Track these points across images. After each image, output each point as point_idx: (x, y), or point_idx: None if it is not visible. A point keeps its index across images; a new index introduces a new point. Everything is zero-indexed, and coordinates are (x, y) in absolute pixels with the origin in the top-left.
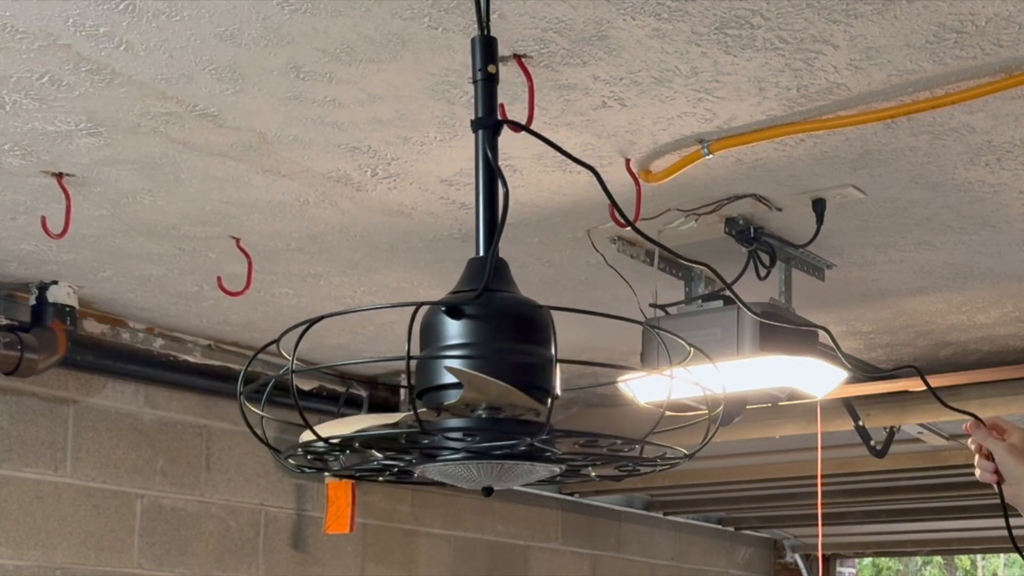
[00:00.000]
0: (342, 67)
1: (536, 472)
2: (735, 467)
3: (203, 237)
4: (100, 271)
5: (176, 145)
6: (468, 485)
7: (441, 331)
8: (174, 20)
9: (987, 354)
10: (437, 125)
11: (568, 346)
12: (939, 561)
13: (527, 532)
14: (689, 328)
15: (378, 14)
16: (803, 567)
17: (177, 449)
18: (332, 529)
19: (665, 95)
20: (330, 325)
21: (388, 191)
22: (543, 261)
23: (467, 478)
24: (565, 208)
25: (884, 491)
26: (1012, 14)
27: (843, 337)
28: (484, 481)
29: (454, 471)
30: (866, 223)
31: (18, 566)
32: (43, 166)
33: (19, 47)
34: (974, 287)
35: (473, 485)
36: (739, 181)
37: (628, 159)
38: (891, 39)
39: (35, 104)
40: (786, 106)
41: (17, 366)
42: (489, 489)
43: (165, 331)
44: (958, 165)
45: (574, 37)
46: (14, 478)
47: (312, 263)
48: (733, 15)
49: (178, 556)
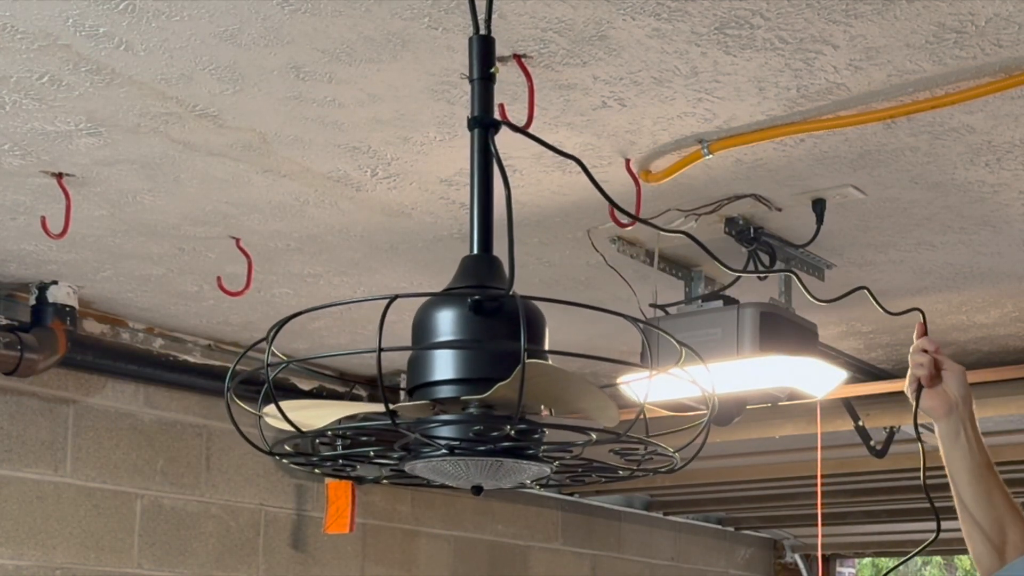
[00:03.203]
0: (342, 67)
1: (525, 470)
2: (735, 467)
3: (203, 237)
4: (100, 271)
5: (176, 145)
6: (457, 483)
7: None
8: (174, 20)
9: (987, 354)
10: (437, 125)
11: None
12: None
13: (527, 532)
14: (689, 328)
15: (378, 14)
16: (803, 567)
17: (177, 449)
18: (332, 529)
19: (665, 95)
20: (330, 324)
21: (388, 191)
22: (543, 261)
23: (455, 476)
24: (565, 208)
25: (884, 491)
26: (1012, 14)
27: (843, 337)
28: (474, 479)
29: (442, 468)
30: (866, 223)
31: (18, 566)
32: (43, 166)
33: (19, 47)
34: (974, 287)
35: (462, 483)
36: (739, 181)
37: (628, 159)
38: (891, 39)
39: (35, 104)
40: (786, 106)
41: (17, 366)
42: (479, 488)
43: (165, 331)
44: (958, 165)
45: (574, 37)
46: (14, 478)
47: (312, 263)
48: (733, 15)
49: (178, 556)
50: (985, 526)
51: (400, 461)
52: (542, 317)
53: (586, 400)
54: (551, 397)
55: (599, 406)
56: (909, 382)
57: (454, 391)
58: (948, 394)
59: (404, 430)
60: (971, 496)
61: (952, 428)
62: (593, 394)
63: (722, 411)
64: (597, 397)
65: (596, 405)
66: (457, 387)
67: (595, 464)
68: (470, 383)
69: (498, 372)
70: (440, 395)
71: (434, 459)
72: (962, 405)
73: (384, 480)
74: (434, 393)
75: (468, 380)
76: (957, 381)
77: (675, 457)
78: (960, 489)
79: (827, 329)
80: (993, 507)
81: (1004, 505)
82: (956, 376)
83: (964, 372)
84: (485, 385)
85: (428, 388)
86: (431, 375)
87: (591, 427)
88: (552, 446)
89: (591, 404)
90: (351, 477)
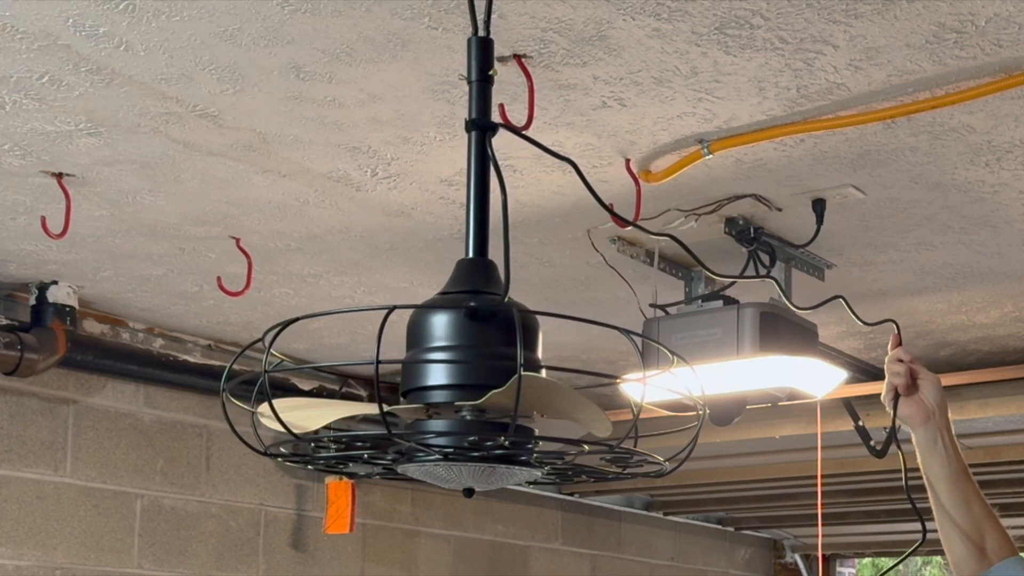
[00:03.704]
0: (342, 67)
1: (516, 474)
2: (735, 467)
3: (203, 237)
4: (100, 271)
5: (176, 145)
6: (449, 485)
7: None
8: (174, 20)
9: (987, 354)
10: (437, 125)
11: (568, 347)
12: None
13: (527, 532)
14: (689, 328)
15: (378, 14)
16: (803, 567)
17: (177, 449)
18: (332, 529)
19: (665, 95)
20: (330, 325)
21: (388, 191)
22: (543, 261)
23: (447, 479)
24: (565, 208)
25: (884, 491)
26: (1012, 14)
27: (843, 337)
28: (465, 482)
29: (435, 471)
30: (866, 223)
31: (18, 566)
32: (43, 166)
33: (19, 47)
34: (974, 287)
35: (454, 485)
36: (739, 181)
37: (628, 159)
38: (891, 39)
39: (35, 104)
40: (786, 106)
41: (17, 366)
42: (470, 490)
43: (165, 331)
44: (958, 165)
45: (574, 37)
46: (14, 478)
47: (312, 263)
48: (733, 15)
49: (178, 556)
50: (965, 530)
51: (393, 463)
52: (536, 323)
53: (579, 411)
54: (544, 406)
55: (591, 417)
56: (886, 391)
57: (448, 396)
58: (925, 402)
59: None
60: (950, 502)
61: (930, 436)
62: (585, 406)
63: (722, 411)
64: (589, 409)
65: (588, 416)
66: (451, 392)
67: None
68: (464, 388)
69: (492, 379)
70: (434, 399)
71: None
72: (939, 413)
73: (376, 476)
74: (428, 397)
75: (462, 386)
76: (933, 389)
77: (664, 465)
78: (939, 495)
79: (827, 329)
80: (971, 513)
81: (982, 511)
82: (932, 385)
83: (939, 381)
84: (479, 391)
85: (422, 392)
86: (425, 379)
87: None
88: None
89: (584, 415)
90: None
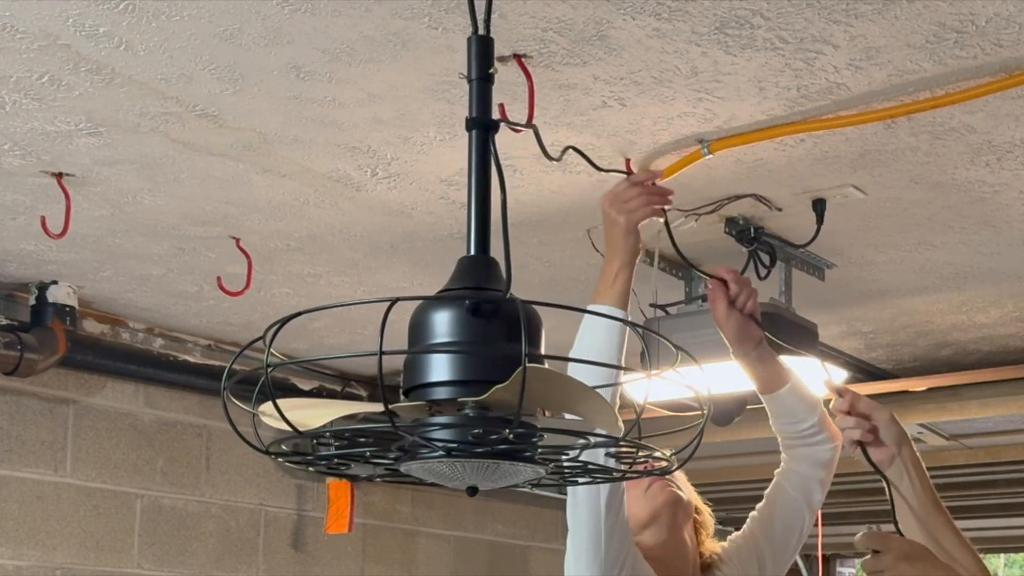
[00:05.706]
0: (342, 67)
1: (520, 472)
2: (735, 467)
3: (203, 237)
4: (100, 271)
5: (176, 145)
6: (452, 484)
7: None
8: (174, 20)
9: (987, 354)
10: (437, 125)
11: (570, 344)
12: None
13: (527, 532)
14: (689, 328)
15: (378, 14)
16: (803, 567)
17: (177, 449)
18: (332, 529)
19: (665, 95)
20: (330, 324)
21: (388, 191)
22: (543, 261)
23: (451, 476)
24: (565, 208)
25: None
26: (1012, 14)
27: (843, 337)
28: (469, 480)
29: (438, 469)
30: (866, 223)
31: (18, 566)
32: (43, 166)
33: (19, 47)
34: (974, 287)
35: (457, 484)
36: (739, 181)
37: (628, 159)
38: (891, 39)
39: (35, 104)
40: (786, 106)
41: (17, 366)
42: (474, 488)
43: (165, 331)
44: (958, 165)
45: (574, 37)
46: (14, 478)
47: (312, 263)
48: (733, 15)
49: (178, 556)
50: None
51: (396, 461)
52: (539, 319)
53: (585, 405)
54: (549, 401)
55: (598, 411)
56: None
57: (451, 392)
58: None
59: (404, 432)
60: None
61: (896, 475)
62: (592, 399)
63: (722, 411)
64: (596, 402)
65: (595, 409)
66: (454, 388)
67: (590, 466)
68: (467, 385)
69: (495, 374)
70: (437, 396)
71: (431, 460)
72: (904, 447)
73: (377, 479)
74: (431, 394)
75: (465, 382)
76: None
77: (672, 460)
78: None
79: (827, 329)
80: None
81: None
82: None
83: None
84: (482, 387)
85: (425, 389)
86: (428, 376)
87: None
88: (548, 449)
89: (590, 409)
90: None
